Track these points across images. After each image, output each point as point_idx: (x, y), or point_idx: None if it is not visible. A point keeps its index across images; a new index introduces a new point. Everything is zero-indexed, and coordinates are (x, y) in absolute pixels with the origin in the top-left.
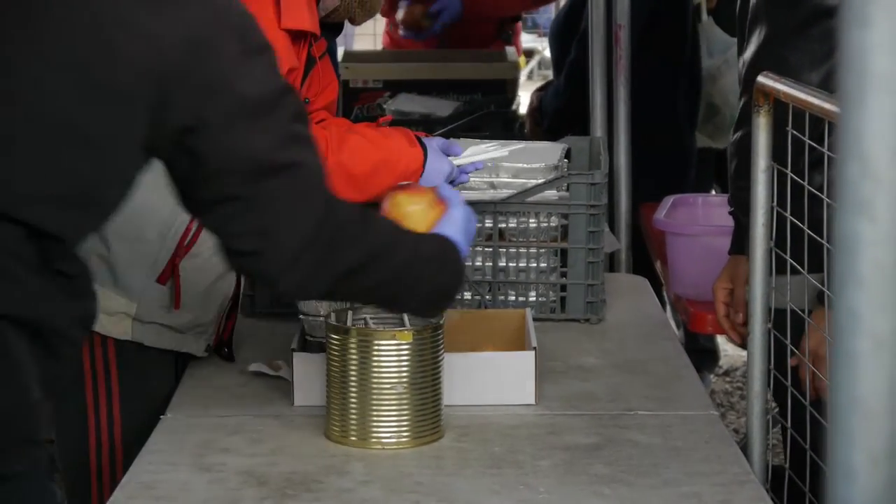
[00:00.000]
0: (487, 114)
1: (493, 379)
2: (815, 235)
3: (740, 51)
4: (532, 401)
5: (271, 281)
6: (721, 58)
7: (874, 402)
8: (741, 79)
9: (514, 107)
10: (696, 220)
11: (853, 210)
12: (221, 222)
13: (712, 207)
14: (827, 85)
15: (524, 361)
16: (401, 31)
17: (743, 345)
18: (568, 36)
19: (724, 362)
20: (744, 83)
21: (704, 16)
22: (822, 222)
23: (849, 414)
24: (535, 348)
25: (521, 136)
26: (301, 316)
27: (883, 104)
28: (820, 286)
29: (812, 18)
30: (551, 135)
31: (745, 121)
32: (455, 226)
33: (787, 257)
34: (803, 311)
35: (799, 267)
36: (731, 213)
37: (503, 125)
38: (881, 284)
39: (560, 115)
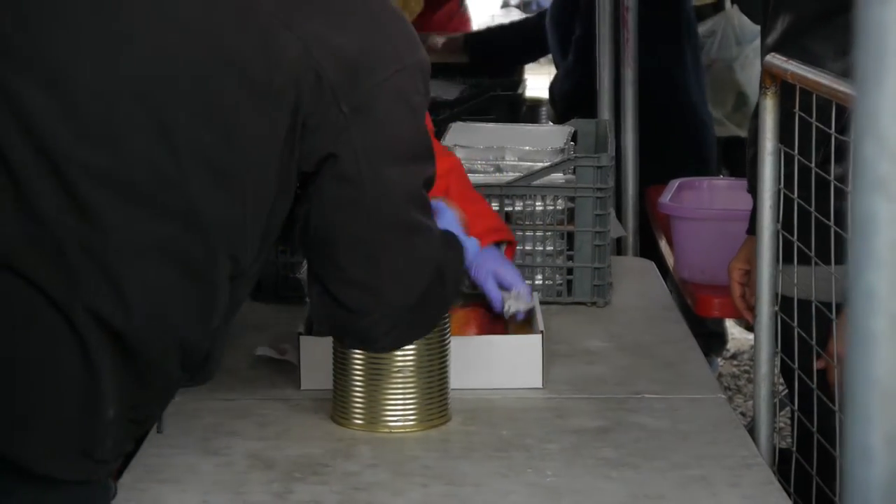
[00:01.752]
0: (493, 97)
1: (500, 362)
2: (823, 218)
3: (763, 37)
4: (539, 384)
5: (367, 340)
6: (749, 46)
7: (892, 383)
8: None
9: (519, 90)
10: (701, 203)
11: (870, 189)
12: (333, 268)
13: (718, 191)
14: (849, 75)
15: (531, 345)
16: None
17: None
18: (568, 18)
19: (731, 346)
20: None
21: (728, 4)
22: (832, 213)
23: (866, 395)
24: (542, 332)
25: (527, 120)
26: (307, 300)
27: None
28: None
29: (838, 8)
30: (568, 117)
31: None
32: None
33: (794, 240)
34: (820, 301)
35: (807, 250)
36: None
37: (509, 108)
38: None
39: (572, 95)
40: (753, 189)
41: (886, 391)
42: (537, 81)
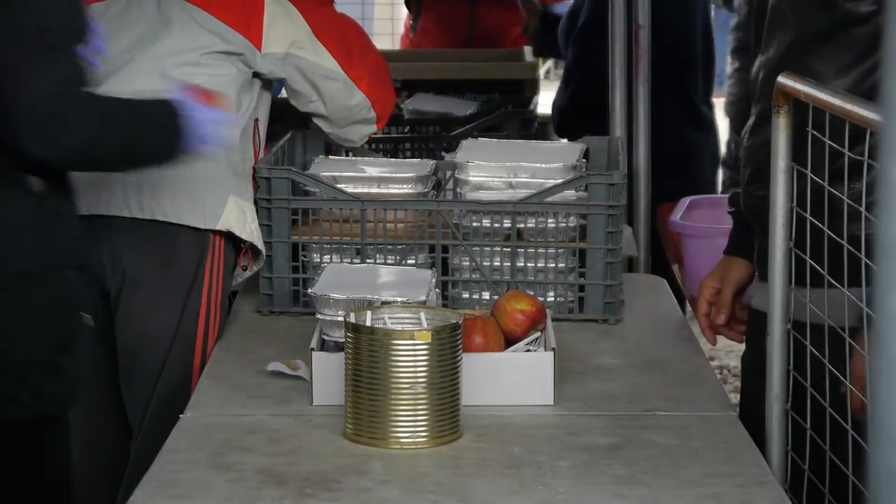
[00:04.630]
0: (505, 113)
1: (512, 379)
2: (834, 236)
3: (754, 53)
4: (551, 401)
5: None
6: None
7: None
8: (755, 82)
9: (531, 107)
10: (711, 221)
11: None
12: None
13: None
14: (853, 93)
15: (543, 362)
16: None
17: (722, 343)
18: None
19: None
20: (761, 87)
21: None
22: (845, 236)
23: (891, 418)
24: (553, 349)
25: (539, 136)
26: (318, 315)
27: None
28: (859, 303)
29: (842, 25)
30: (561, 134)
31: (762, 126)
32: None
33: (807, 258)
34: (840, 326)
35: (819, 268)
36: (730, 212)
37: (521, 125)
38: None
39: (563, 114)
40: (754, 210)
41: None
42: (551, 98)
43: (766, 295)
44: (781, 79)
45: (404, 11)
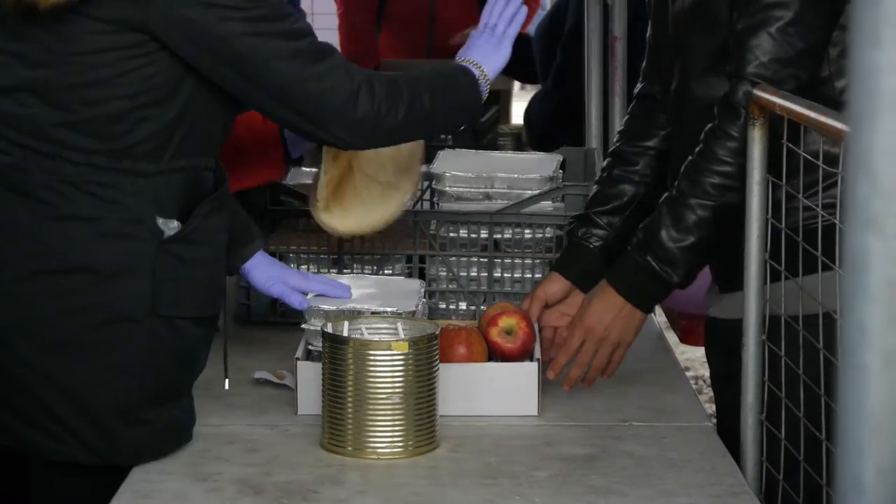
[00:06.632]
0: (481, 124)
1: (496, 390)
2: (811, 249)
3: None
4: (535, 412)
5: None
6: None
7: (883, 416)
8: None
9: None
10: None
11: (863, 227)
12: None
13: None
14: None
15: (528, 372)
16: None
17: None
18: (553, 39)
19: None
20: (674, 115)
21: None
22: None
23: (858, 428)
24: (538, 359)
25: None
26: (304, 326)
27: (892, 123)
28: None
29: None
30: (543, 141)
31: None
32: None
33: (782, 270)
34: (796, 318)
35: (787, 274)
36: (570, 233)
37: (496, 136)
38: (891, 300)
39: (549, 120)
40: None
41: (878, 424)
42: (522, 108)
43: (733, 304)
44: (757, 92)
45: None
